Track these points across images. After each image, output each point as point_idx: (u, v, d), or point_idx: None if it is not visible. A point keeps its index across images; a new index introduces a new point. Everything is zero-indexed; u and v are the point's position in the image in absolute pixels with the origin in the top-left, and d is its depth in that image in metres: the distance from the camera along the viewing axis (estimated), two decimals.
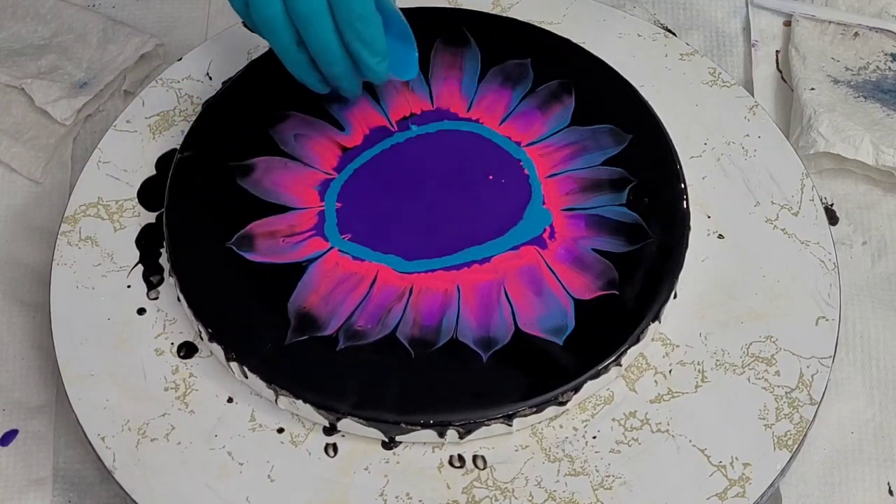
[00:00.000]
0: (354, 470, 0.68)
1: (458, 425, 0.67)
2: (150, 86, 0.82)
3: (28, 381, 0.74)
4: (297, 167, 0.76)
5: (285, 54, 0.71)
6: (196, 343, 0.72)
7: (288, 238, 0.73)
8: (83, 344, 0.71)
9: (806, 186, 0.77)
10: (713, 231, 0.76)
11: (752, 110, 0.80)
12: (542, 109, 0.78)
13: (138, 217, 0.76)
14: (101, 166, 0.78)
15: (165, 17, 0.90)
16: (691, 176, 0.77)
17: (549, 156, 0.76)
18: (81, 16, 0.88)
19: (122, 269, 0.74)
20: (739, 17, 0.90)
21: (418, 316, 0.70)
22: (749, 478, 0.67)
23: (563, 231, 0.73)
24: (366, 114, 0.78)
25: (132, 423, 0.69)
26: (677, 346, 0.71)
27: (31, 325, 0.76)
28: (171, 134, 0.79)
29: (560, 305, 0.70)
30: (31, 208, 0.81)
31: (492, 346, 0.69)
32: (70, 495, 0.71)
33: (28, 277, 0.78)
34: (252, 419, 0.69)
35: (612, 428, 0.69)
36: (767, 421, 0.69)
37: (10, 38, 0.87)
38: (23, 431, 0.73)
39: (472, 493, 0.67)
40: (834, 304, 0.73)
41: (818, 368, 0.70)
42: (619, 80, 0.79)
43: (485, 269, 0.72)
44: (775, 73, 0.87)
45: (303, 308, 0.70)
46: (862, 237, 0.79)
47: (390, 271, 0.72)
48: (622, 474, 0.67)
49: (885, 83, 0.85)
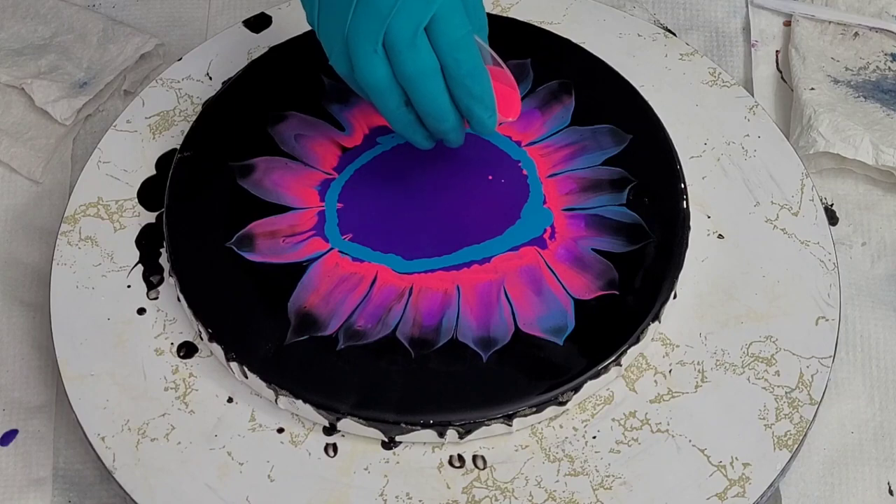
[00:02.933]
0: (354, 470, 0.68)
1: (458, 425, 0.67)
2: (150, 86, 0.82)
3: (28, 381, 0.74)
4: (297, 167, 0.76)
5: (392, 116, 0.70)
6: (196, 343, 0.72)
7: (288, 238, 0.73)
8: (83, 344, 0.71)
9: (806, 186, 0.77)
10: (713, 231, 0.76)
11: (752, 110, 0.80)
12: (542, 109, 0.78)
13: (138, 217, 0.76)
14: (101, 166, 0.78)
15: (165, 17, 0.90)
16: (691, 176, 0.77)
17: (549, 156, 0.76)
18: (81, 16, 0.88)
19: (122, 269, 0.74)
20: (739, 17, 0.90)
21: (418, 316, 0.70)
22: (749, 478, 0.67)
23: (563, 231, 0.73)
24: (366, 114, 0.78)
25: (132, 423, 0.69)
26: (677, 346, 0.71)
27: (31, 325, 0.76)
28: (171, 134, 0.79)
29: (560, 305, 0.70)
30: (31, 208, 0.81)
31: (492, 346, 0.69)
32: (70, 495, 0.71)
33: (28, 277, 0.78)
34: (252, 419, 0.69)
35: (612, 428, 0.69)
36: (767, 421, 0.69)
37: (10, 38, 0.87)
38: (23, 431, 0.73)
39: (472, 493, 0.67)
40: (834, 304, 0.73)
41: (818, 368, 0.70)
42: (619, 80, 0.79)
43: (485, 269, 0.72)
44: (775, 73, 0.87)
45: (303, 308, 0.70)
46: (862, 237, 0.79)
47: (390, 271, 0.72)
48: (622, 474, 0.67)
49: (885, 83, 0.85)
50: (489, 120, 0.70)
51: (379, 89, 0.68)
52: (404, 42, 0.66)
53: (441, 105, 0.68)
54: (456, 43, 0.67)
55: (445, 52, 0.67)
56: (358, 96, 0.71)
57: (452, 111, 0.69)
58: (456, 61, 0.67)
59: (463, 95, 0.68)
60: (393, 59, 0.67)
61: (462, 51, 0.67)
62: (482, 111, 0.69)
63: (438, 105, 0.68)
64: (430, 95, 0.68)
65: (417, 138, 0.71)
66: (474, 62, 0.68)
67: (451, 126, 0.70)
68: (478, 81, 0.68)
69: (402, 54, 0.66)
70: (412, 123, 0.70)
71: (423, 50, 0.66)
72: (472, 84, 0.68)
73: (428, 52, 0.67)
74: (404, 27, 0.66)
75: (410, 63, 0.67)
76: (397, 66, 0.67)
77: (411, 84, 0.67)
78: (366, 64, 0.67)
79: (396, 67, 0.67)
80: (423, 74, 0.67)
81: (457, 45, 0.67)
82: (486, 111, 0.69)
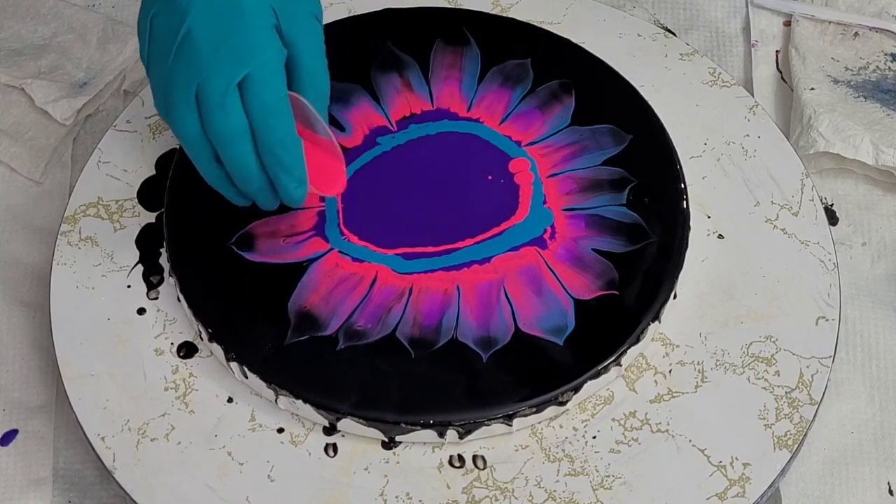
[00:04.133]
0: (354, 470, 0.68)
1: (458, 425, 0.67)
2: (150, 86, 0.81)
3: (28, 381, 0.74)
4: None
5: (203, 170, 0.68)
6: (196, 343, 0.72)
7: (288, 238, 0.73)
8: (83, 344, 0.71)
9: (806, 186, 0.77)
10: (713, 231, 0.76)
11: (752, 110, 0.80)
12: (542, 109, 0.78)
13: (138, 217, 0.76)
14: (101, 166, 0.78)
15: None
16: (691, 176, 0.77)
17: (549, 156, 0.76)
18: (81, 16, 0.88)
19: (122, 269, 0.74)
20: (739, 17, 0.90)
21: (418, 316, 0.70)
22: (749, 478, 0.67)
23: (563, 231, 0.73)
24: (366, 114, 0.78)
25: (132, 423, 0.69)
26: (677, 346, 0.71)
27: (31, 325, 0.76)
28: (171, 134, 0.79)
29: (560, 305, 0.70)
30: (31, 208, 0.81)
31: (492, 346, 0.69)
32: (70, 495, 0.71)
33: (28, 277, 0.78)
34: (252, 419, 0.69)
35: (612, 428, 0.69)
36: (767, 421, 0.69)
37: (10, 38, 0.87)
38: (23, 431, 0.73)
39: (472, 493, 0.67)
40: (834, 304, 0.73)
41: (818, 368, 0.70)
42: (619, 80, 0.79)
43: (485, 269, 0.72)
44: (775, 73, 0.87)
45: (303, 308, 0.70)
46: (862, 237, 0.79)
47: (390, 271, 0.72)
48: (622, 474, 0.67)
49: (885, 83, 0.85)
50: (296, 191, 0.68)
51: (189, 142, 0.67)
52: (214, 98, 0.64)
53: (247, 167, 0.67)
54: (268, 108, 0.65)
55: (256, 116, 0.65)
56: (358, 97, 0.71)
57: (259, 175, 0.67)
58: (266, 126, 0.65)
59: (271, 163, 0.66)
60: (203, 115, 0.65)
61: (274, 117, 0.65)
62: (289, 181, 0.67)
63: (244, 167, 0.67)
64: (236, 157, 0.66)
65: (229, 195, 0.69)
66: (285, 130, 0.66)
67: (256, 188, 0.68)
68: (288, 151, 0.66)
69: (212, 112, 0.65)
70: (223, 180, 0.68)
71: (232, 110, 0.65)
72: (281, 153, 0.66)
73: (238, 112, 0.65)
74: (215, 84, 0.64)
75: (219, 121, 0.65)
76: (207, 122, 0.65)
77: (218, 142, 0.66)
78: (178, 116, 0.66)
79: (206, 124, 0.65)
80: (231, 135, 0.65)
81: (268, 110, 0.65)
82: (292, 182, 0.67)
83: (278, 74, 0.66)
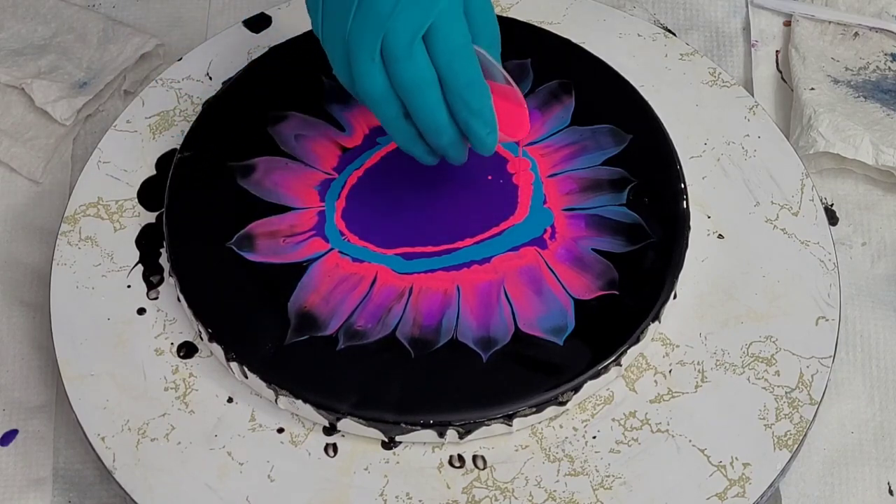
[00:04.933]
0: (354, 470, 0.68)
1: (458, 425, 0.67)
2: (150, 86, 0.82)
3: (28, 381, 0.74)
4: (297, 167, 0.76)
5: (392, 128, 0.68)
6: (196, 343, 0.72)
7: (288, 238, 0.73)
8: (83, 344, 0.71)
9: (806, 186, 0.77)
10: (713, 231, 0.76)
11: (752, 110, 0.80)
12: (542, 109, 0.78)
13: (138, 217, 0.76)
14: (101, 166, 0.78)
15: (165, 17, 0.90)
16: (691, 176, 0.77)
17: (549, 156, 0.76)
18: (81, 16, 0.88)
19: (122, 269, 0.74)
20: (739, 17, 0.90)
21: (418, 316, 0.70)
22: (749, 478, 0.67)
23: (563, 231, 0.73)
24: (366, 114, 0.78)
25: (132, 423, 0.69)
26: (677, 346, 0.71)
27: (31, 325, 0.76)
28: (171, 134, 0.79)
29: (560, 305, 0.70)
30: (31, 208, 0.81)
31: (492, 346, 0.69)
32: (70, 495, 0.71)
33: (28, 277, 0.78)
34: (252, 419, 0.69)
35: (612, 428, 0.69)
36: (767, 421, 0.69)
37: (10, 38, 0.87)
38: (23, 431, 0.73)
39: (472, 493, 0.67)
40: (834, 304, 0.73)
41: (818, 368, 0.70)
42: (619, 80, 0.79)
43: (485, 269, 0.72)
44: (775, 73, 0.87)
45: (303, 308, 0.70)
46: (862, 237, 0.79)
47: (390, 271, 0.72)
48: (622, 474, 0.67)
49: (885, 83, 0.85)
50: (487, 137, 0.68)
51: (376, 99, 0.67)
52: (401, 50, 0.65)
53: (437, 118, 0.67)
54: (453, 52, 0.66)
55: (443, 62, 0.66)
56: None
57: (450, 125, 0.67)
58: (453, 71, 0.66)
59: (460, 108, 0.67)
60: (390, 68, 0.66)
61: (460, 60, 0.66)
62: (480, 127, 0.67)
63: (435, 117, 0.67)
64: (426, 107, 0.66)
65: (418, 152, 0.70)
66: (472, 73, 0.66)
67: (448, 141, 0.68)
68: (476, 94, 0.66)
69: (398, 63, 0.65)
70: (412, 137, 0.69)
71: (419, 59, 0.65)
72: (469, 96, 0.66)
73: (425, 61, 0.65)
74: (401, 35, 0.65)
75: (406, 72, 0.65)
76: (394, 74, 0.66)
77: (407, 94, 0.66)
78: (364, 72, 0.66)
79: (393, 76, 0.66)
80: (419, 84, 0.66)
81: (454, 54, 0.66)
82: (484, 127, 0.67)
83: (461, 20, 0.66)
